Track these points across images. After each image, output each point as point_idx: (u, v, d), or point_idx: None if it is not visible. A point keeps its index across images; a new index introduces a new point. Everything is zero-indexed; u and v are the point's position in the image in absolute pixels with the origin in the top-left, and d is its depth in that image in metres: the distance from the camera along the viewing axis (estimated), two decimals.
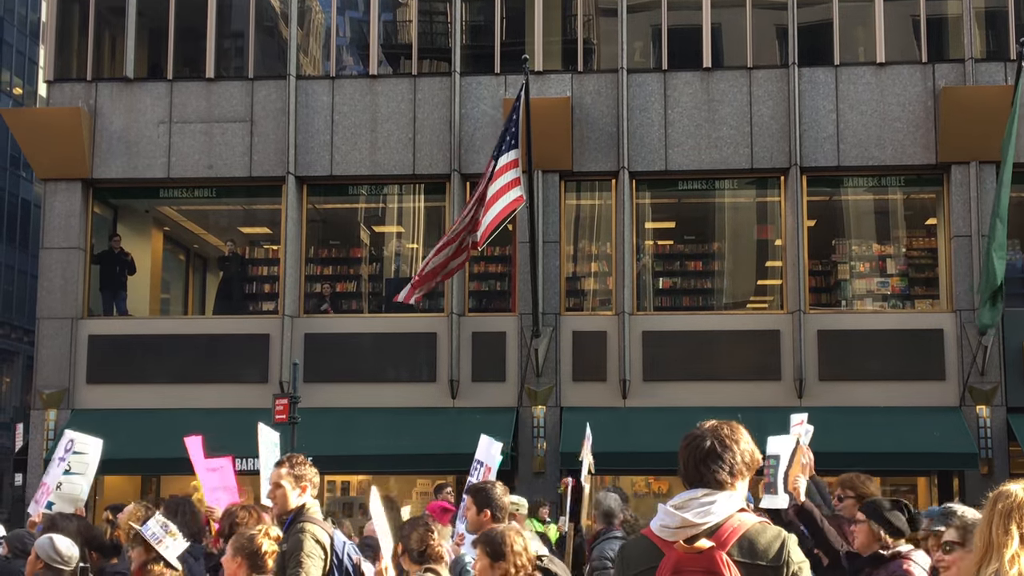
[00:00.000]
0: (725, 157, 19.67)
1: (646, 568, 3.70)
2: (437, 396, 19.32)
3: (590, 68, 20.45)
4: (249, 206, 22.62)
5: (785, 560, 3.61)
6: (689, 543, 3.62)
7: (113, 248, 20.83)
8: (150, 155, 20.34)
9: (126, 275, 20.94)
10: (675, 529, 3.66)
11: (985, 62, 19.73)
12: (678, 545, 3.63)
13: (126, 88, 20.62)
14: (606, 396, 19.20)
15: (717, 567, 3.57)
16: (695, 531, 3.63)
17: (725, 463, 3.72)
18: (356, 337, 19.73)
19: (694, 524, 3.63)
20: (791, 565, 3.61)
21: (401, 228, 22.01)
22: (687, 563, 3.61)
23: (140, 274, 21.49)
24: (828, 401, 18.73)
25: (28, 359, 42.43)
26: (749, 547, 3.62)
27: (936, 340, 18.96)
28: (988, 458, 18.32)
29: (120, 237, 21.10)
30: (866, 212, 21.56)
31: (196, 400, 19.22)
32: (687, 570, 3.61)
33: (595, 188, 20.55)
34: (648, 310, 20.25)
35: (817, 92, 19.65)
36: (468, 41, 20.94)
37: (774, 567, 3.60)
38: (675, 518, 3.66)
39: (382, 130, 20.16)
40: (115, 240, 20.93)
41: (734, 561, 3.59)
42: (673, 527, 3.67)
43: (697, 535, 3.63)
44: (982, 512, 4.83)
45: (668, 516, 3.69)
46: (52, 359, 19.99)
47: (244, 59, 21.05)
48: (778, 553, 3.62)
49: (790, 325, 19.12)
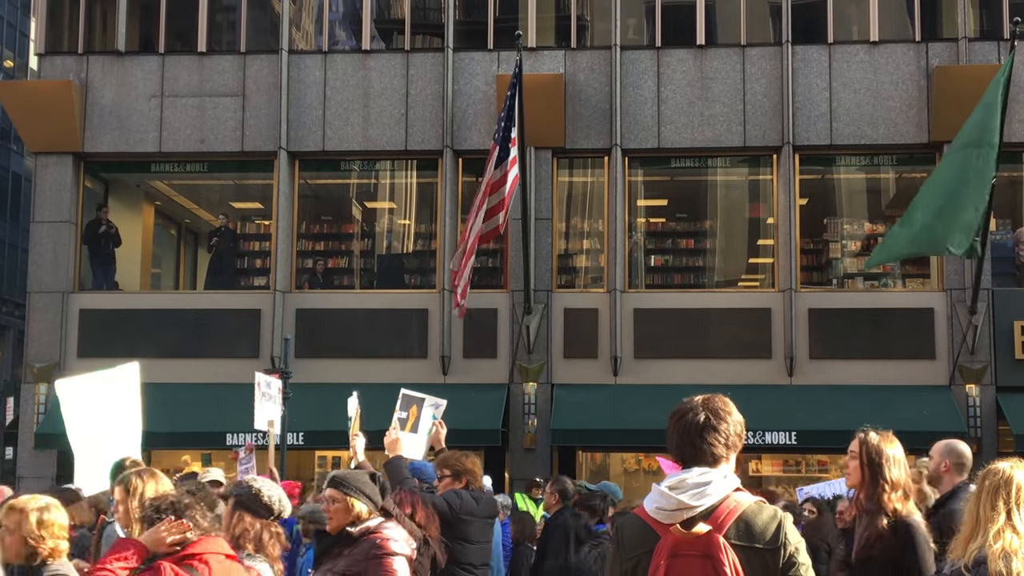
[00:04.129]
0: (718, 135, 19.66)
1: (643, 552, 3.67)
2: (428, 372, 19.32)
3: (583, 45, 20.40)
4: (241, 181, 22.56)
5: (783, 542, 3.60)
6: (685, 526, 3.59)
7: (100, 220, 20.76)
8: (141, 129, 20.28)
9: (112, 248, 20.90)
10: (671, 511, 3.64)
11: (978, 41, 19.72)
12: (675, 530, 3.60)
13: (117, 61, 20.53)
14: (597, 373, 19.24)
15: (715, 551, 3.55)
16: (691, 513, 3.61)
17: (720, 435, 3.71)
18: (348, 313, 19.73)
19: (690, 506, 3.61)
20: (788, 547, 3.61)
21: (393, 204, 21.98)
22: (684, 546, 3.59)
23: (131, 248, 21.44)
24: (818, 379, 18.82)
25: (19, 333, 42.32)
26: (746, 529, 3.60)
27: (926, 319, 19.01)
28: (977, 437, 18.40)
29: (107, 209, 21.05)
30: (858, 191, 21.58)
31: (187, 375, 19.22)
32: (684, 553, 3.58)
33: (587, 165, 20.53)
34: (640, 288, 20.26)
35: (810, 70, 19.63)
36: (461, 17, 20.86)
37: (772, 550, 3.59)
38: (671, 500, 3.63)
39: (374, 106, 20.11)
40: (103, 212, 20.87)
41: (731, 544, 3.57)
42: (669, 509, 3.64)
43: (693, 517, 3.61)
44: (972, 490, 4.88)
45: (664, 498, 3.66)
46: (43, 333, 19.97)
47: (236, 33, 20.95)
48: (775, 535, 3.61)
49: (781, 303, 19.16)
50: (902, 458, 5.42)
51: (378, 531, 5.79)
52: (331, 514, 5.89)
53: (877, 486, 5.29)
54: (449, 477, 7.86)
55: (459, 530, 7.50)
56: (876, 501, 5.27)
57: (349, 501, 5.83)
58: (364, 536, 5.77)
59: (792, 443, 18.06)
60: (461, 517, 7.51)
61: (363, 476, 6.02)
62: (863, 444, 5.46)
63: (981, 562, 4.50)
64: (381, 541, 5.73)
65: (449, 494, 7.63)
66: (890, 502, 5.23)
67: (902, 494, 5.33)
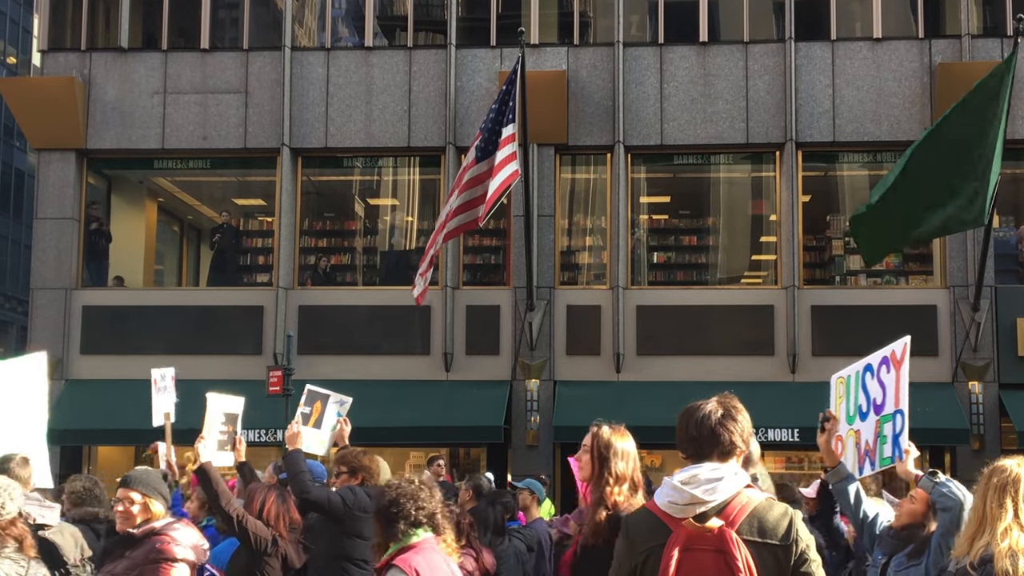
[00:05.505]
0: (720, 132, 19.64)
1: (655, 545, 3.69)
2: (431, 369, 19.34)
3: (586, 41, 20.39)
4: (243, 178, 22.56)
5: (794, 539, 3.63)
6: (698, 520, 3.62)
7: (91, 217, 20.76)
8: (144, 126, 20.28)
9: (104, 244, 20.90)
10: (683, 506, 3.66)
11: (982, 38, 19.69)
12: (688, 523, 3.63)
13: (120, 58, 20.53)
14: (600, 370, 19.23)
15: (727, 546, 3.58)
16: (703, 508, 3.64)
17: (738, 425, 3.78)
18: (350, 309, 19.74)
19: (703, 501, 3.64)
20: (800, 543, 3.64)
21: (396, 201, 21.97)
22: (697, 541, 3.62)
23: (134, 245, 21.46)
24: (821, 376, 18.60)
25: (22, 329, 42.38)
26: (759, 526, 3.63)
27: (929, 316, 18.99)
28: (980, 434, 18.40)
29: (98, 206, 21.06)
30: (861, 188, 21.53)
31: (190, 371, 19.07)
32: (697, 548, 3.61)
33: (590, 162, 20.52)
34: (642, 284, 20.25)
35: (813, 67, 19.61)
36: (464, 13, 20.84)
37: (783, 546, 3.62)
38: (684, 494, 3.66)
39: (377, 102, 20.11)
40: (92, 209, 20.86)
41: (743, 539, 3.60)
42: (682, 503, 3.67)
43: (706, 512, 3.63)
44: (976, 487, 4.87)
45: (676, 492, 3.68)
46: (46, 329, 19.97)
47: (239, 30, 20.95)
48: (787, 532, 3.64)
49: (784, 300, 19.15)
50: (632, 452, 5.32)
51: (163, 533, 5.55)
52: (124, 515, 5.64)
53: (602, 479, 5.23)
54: (346, 474, 7.97)
55: (353, 526, 7.61)
56: (599, 494, 5.21)
57: (147, 501, 5.66)
58: (147, 538, 5.54)
59: (795, 440, 18.04)
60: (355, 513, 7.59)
61: (157, 475, 5.86)
62: (594, 438, 5.36)
63: (988, 560, 4.49)
64: (162, 545, 5.49)
65: (344, 490, 7.74)
66: (612, 495, 5.15)
67: (628, 488, 5.24)
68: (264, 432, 17.70)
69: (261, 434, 17.67)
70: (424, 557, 4.79)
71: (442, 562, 4.89)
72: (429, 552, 4.85)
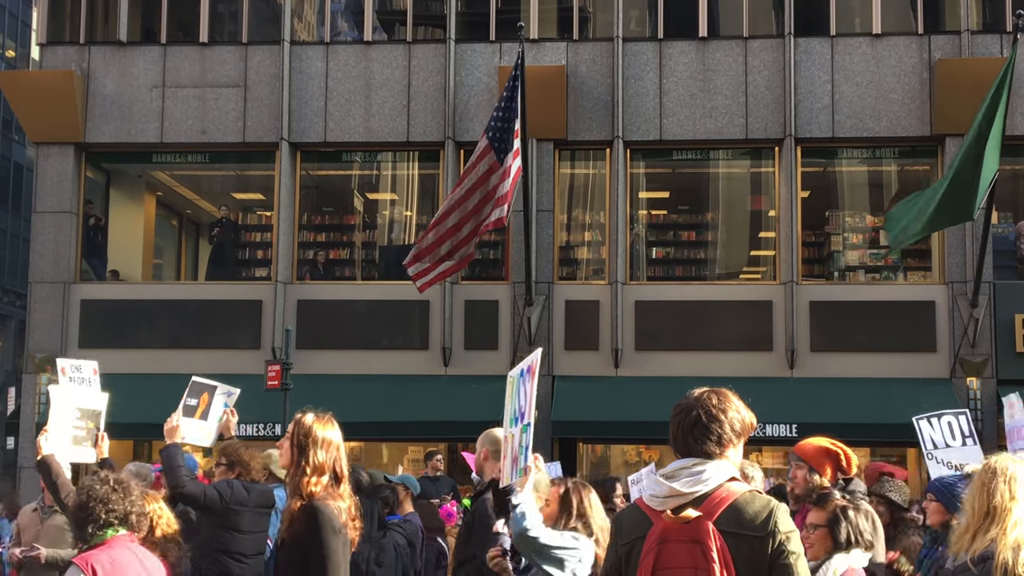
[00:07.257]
0: (720, 127, 19.64)
1: (637, 537, 3.74)
2: (430, 364, 19.35)
3: (585, 36, 20.38)
4: (242, 172, 22.56)
5: (772, 530, 3.61)
6: (677, 513, 3.64)
7: (87, 212, 20.76)
8: (143, 119, 20.27)
9: (101, 239, 20.90)
10: (663, 498, 3.69)
11: (981, 34, 19.68)
12: (665, 515, 3.66)
13: (119, 52, 20.51)
14: (598, 365, 19.24)
15: (703, 537, 3.58)
16: (683, 500, 3.65)
17: (712, 434, 3.74)
18: (349, 304, 19.74)
19: (682, 493, 3.65)
20: (778, 535, 3.61)
21: (395, 195, 21.97)
22: (674, 532, 3.64)
23: (133, 239, 21.45)
24: (819, 372, 18.81)
25: (20, 323, 42.38)
26: (736, 517, 3.62)
27: (928, 312, 19.01)
28: (978, 430, 18.34)
29: (92, 203, 21.06)
30: (860, 184, 21.56)
31: (188, 365, 19.03)
32: (674, 539, 3.63)
33: (589, 157, 20.52)
34: (641, 280, 20.26)
35: (813, 63, 19.61)
36: (463, 8, 20.83)
37: (760, 537, 3.60)
38: (663, 487, 3.70)
39: (376, 97, 20.09)
40: (88, 205, 20.86)
41: (721, 531, 3.59)
42: (661, 496, 3.70)
43: (685, 504, 3.65)
44: (975, 480, 4.87)
45: (657, 485, 3.72)
46: (44, 323, 19.98)
47: (238, 24, 20.93)
48: (765, 522, 3.62)
49: (783, 296, 19.15)
50: (336, 441, 5.23)
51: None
52: None
53: (299, 468, 5.15)
54: (224, 466, 8.07)
55: (229, 519, 7.72)
56: (296, 483, 5.13)
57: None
58: None
59: (793, 435, 18.02)
60: (231, 507, 7.69)
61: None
62: (296, 424, 5.27)
63: (988, 557, 4.51)
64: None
65: (220, 483, 7.81)
66: (308, 485, 5.08)
67: (329, 478, 5.15)
68: (262, 426, 17.69)
69: (259, 428, 17.67)
70: (110, 555, 4.84)
71: (133, 559, 4.92)
72: (119, 549, 4.89)
